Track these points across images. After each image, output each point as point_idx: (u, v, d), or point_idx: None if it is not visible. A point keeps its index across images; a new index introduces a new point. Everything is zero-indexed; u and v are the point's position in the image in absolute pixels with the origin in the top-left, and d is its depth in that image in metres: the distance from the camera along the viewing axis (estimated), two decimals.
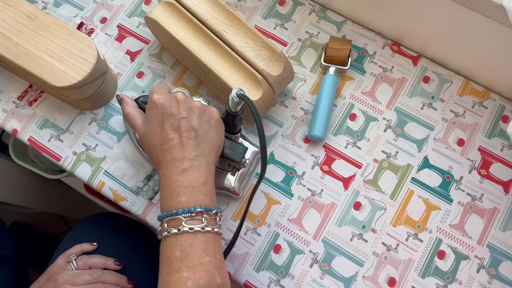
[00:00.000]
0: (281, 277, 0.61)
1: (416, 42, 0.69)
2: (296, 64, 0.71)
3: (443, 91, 0.68)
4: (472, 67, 0.67)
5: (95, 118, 0.68)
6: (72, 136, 0.68)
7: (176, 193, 0.47)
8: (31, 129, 0.68)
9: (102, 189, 0.65)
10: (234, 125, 0.57)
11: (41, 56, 0.60)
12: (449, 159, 0.65)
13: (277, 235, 0.63)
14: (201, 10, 0.63)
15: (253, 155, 0.64)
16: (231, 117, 0.55)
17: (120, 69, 0.71)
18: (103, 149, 0.67)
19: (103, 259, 0.65)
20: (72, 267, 0.63)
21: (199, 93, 0.70)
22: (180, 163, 0.48)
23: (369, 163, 0.65)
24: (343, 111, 0.68)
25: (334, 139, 0.67)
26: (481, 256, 0.61)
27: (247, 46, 0.61)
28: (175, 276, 0.44)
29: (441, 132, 0.66)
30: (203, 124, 0.51)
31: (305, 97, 0.69)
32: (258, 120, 0.49)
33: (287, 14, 0.73)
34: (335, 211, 0.63)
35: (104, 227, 0.75)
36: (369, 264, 0.61)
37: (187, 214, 0.46)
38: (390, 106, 0.68)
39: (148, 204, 0.64)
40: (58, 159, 0.67)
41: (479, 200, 0.63)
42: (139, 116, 0.55)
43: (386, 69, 0.70)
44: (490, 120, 0.66)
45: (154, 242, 0.78)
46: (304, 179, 0.65)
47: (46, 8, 0.75)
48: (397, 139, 0.66)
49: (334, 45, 0.68)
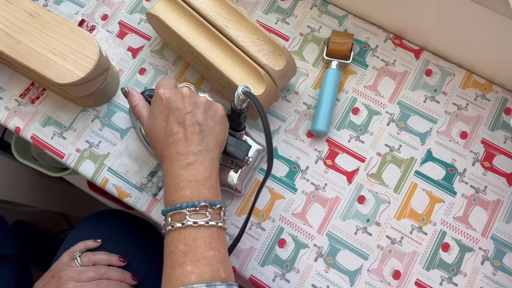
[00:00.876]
0: (286, 271, 0.61)
1: (418, 36, 0.69)
2: (298, 58, 0.71)
3: (445, 84, 0.68)
4: (474, 59, 0.67)
5: (98, 115, 0.68)
6: (75, 133, 0.68)
7: (180, 187, 0.47)
8: (34, 127, 0.68)
9: (106, 186, 0.65)
10: (239, 123, 0.57)
11: (43, 54, 0.60)
12: (452, 151, 0.65)
13: (282, 229, 0.63)
14: (202, 5, 0.62)
15: (257, 153, 0.64)
16: (236, 114, 0.55)
17: (122, 65, 0.71)
18: (106, 146, 0.67)
19: (107, 256, 0.65)
20: (76, 263, 0.63)
21: (201, 88, 0.70)
22: (184, 157, 0.48)
23: (372, 157, 0.65)
24: (346, 105, 0.68)
25: (337, 133, 0.67)
26: (485, 248, 0.61)
27: (249, 41, 0.61)
28: (179, 270, 0.44)
29: (444, 125, 0.66)
30: (208, 119, 0.51)
31: (308, 92, 0.69)
32: (265, 119, 0.49)
33: (288, 9, 0.73)
34: (339, 205, 0.63)
35: (108, 224, 0.75)
36: (374, 257, 0.61)
37: (191, 208, 0.46)
38: (392, 99, 0.68)
39: (152, 200, 0.64)
40: (62, 157, 0.67)
41: (482, 193, 0.63)
42: (145, 109, 0.55)
43: (388, 62, 0.70)
44: (493, 112, 0.66)
45: (158, 239, 0.78)
46: (307, 174, 0.65)
47: (47, 5, 0.74)
48: (400, 133, 0.66)
49: (336, 39, 0.68)
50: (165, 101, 0.51)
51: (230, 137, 0.56)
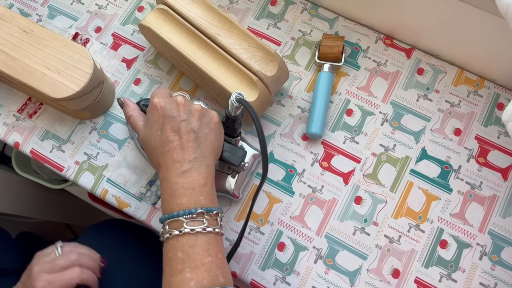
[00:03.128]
0: (286, 274, 0.62)
1: (409, 35, 0.69)
2: (291, 63, 0.71)
3: (437, 82, 0.69)
4: (466, 56, 0.67)
5: (95, 127, 0.69)
6: (73, 146, 0.68)
7: (176, 195, 0.48)
8: (32, 141, 0.69)
9: (106, 197, 0.66)
10: (234, 129, 0.57)
11: (39, 69, 0.60)
12: (446, 149, 0.66)
13: (281, 233, 0.64)
14: (193, 15, 0.63)
15: (253, 158, 0.64)
16: (230, 121, 0.55)
17: (117, 77, 0.72)
18: (104, 157, 0.68)
19: (91, 252, 0.62)
20: (56, 253, 0.59)
21: (196, 96, 0.70)
22: (180, 164, 0.49)
23: (367, 157, 0.66)
24: (340, 107, 0.69)
25: (332, 135, 0.67)
26: (483, 244, 0.61)
27: (241, 48, 0.62)
28: (178, 277, 0.45)
29: (438, 123, 0.67)
30: (203, 127, 0.51)
31: (301, 95, 0.69)
32: (258, 125, 0.49)
33: (279, 14, 0.74)
34: (337, 207, 0.64)
35: (110, 234, 0.75)
36: (373, 257, 0.62)
37: (188, 215, 0.47)
38: (385, 99, 0.68)
39: (151, 209, 0.65)
40: (61, 170, 0.67)
41: (478, 188, 0.64)
42: (141, 119, 0.56)
43: (380, 63, 0.70)
44: (485, 108, 0.67)
45: (160, 247, 0.78)
46: (304, 177, 0.66)
47: (41, 20, 0.75)
48: (394, 132, 0.67)
49: (327, 42, 0.69)
50: (160, 110, 0.51)
51: (226, 144, 0.57)
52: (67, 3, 0.76)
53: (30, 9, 0.76)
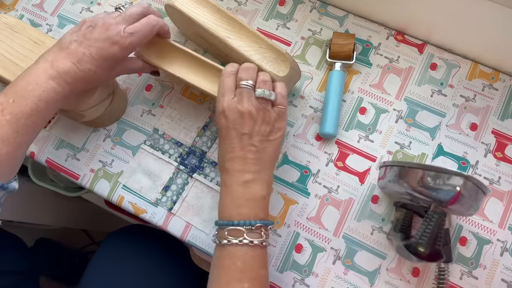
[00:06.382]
0: (305, 276, 0.62)
1: (420, 30, 0.68)
2: (302, 62, 0.71)
3: (451, 77, 0.68)
4: (479, 50, 0.66)
5: (109, 134, 0.69)
6: (88, 154, 0.69)
7: (238, 204, 0.50)
8: (47, 151, 0.69)
9: (122, 203, 0.66)
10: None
11: None
12: (463, 144, 0.65)
13: (298, 234, 0.63)
14: (203, 19, 0.63)
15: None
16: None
17: (129, 83, 0.72)
18: (119, 164, 0.68)
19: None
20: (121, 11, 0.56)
21: (207, 100, 0.70)
22: (240, 174, 0.51)
23: (383, 156, 0.65)
24: (353, 106, 0.68)
25: (346, 135, 0.67)
26: (503, 239, 0.60)
27: (252, 49, 0.62)
28: (236, 285, 0.47)
29: (453, 118, 0.66)
30: (264, 142, 0.53)
31: (313, 95, 0.69)
32: None
33: (288, 14, 0.73)
34: (353, 206, 0.64)
35: (132, 240, 0.76)
36: (392, 257, 0.61)
37: (248, 226, 0.49)
38: (399, 96, 0.68)
39: (168, 215, 0.65)
40: (77, 178, 0.68)
41: (497, 183, 0.63)
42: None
43: (392, 59, 0.69)
44: (501, 101, 0.66)
45: (181, 250, 0.79)
46: (319, 177, 0.65)
47: (51, 30, 0.76)
48: (409, 129, 0.66)
49: (338, 40, 0.68)
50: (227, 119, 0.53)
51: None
52: (76, 12, 0.77)
53: (40, 19, 0.77)
